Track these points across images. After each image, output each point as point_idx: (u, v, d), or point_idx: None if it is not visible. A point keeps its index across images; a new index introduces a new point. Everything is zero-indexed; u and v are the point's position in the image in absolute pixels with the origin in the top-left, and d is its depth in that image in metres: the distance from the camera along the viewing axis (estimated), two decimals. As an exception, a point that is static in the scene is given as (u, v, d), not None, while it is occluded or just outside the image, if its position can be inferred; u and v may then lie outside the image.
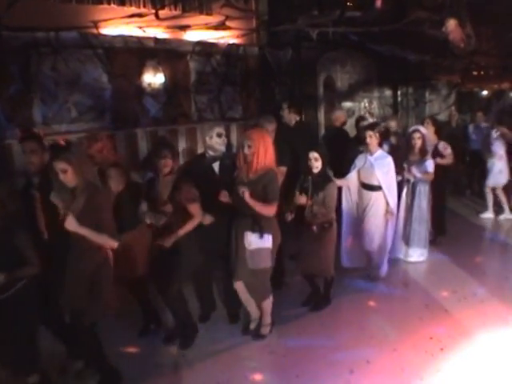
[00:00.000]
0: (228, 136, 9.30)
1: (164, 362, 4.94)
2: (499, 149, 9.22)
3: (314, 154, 5.64)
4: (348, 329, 5.48)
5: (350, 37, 10.55)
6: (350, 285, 6.55)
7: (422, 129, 7.39)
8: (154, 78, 8.43)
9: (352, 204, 6.83)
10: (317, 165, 5.63)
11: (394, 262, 7.18)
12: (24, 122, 7.13)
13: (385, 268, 6.86)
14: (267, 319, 5.32)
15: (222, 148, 5.56)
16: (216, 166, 5.53)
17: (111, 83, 7.95)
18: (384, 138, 7.15)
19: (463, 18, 8.15)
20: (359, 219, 6.77)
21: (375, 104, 13.34)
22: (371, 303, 6.11)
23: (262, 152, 4.86)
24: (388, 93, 13.68)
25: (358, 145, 7.31)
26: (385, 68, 12.61)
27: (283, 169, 5.93)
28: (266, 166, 4.90)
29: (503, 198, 9.37)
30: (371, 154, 6.62)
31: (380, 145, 6.70)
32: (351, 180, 6.77)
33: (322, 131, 10.98)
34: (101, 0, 7.79)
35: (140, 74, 8.30)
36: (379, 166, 6.56)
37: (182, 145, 8.80)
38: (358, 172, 6.76)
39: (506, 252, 7.81)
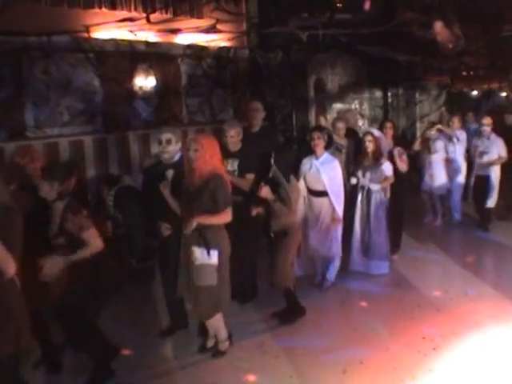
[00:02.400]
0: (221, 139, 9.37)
1: (156, 363, 4.95)
2: (439, 150, 8.89)
3: None
4: (341, 329, 5.49)
5: (339, 39, 10.62)
6: (342, 285, 6.57)
7: (376, 131, 6.97)
8: (145, 82, 8.46)
9: (303, 211, 6.41)
10: None
11: (353, 274, 6.84)
12: (16, 125, 7.15)
13: (332, 277, 6.49)
14: (222, 335, 4.98)
15: (171, 155, 5.12)
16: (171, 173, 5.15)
17: (103, 87, 7.98)
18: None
19: (450, 19, 8.21)
20: (309, 227, 6.42)
21: (366, 105, 13.40)
22: (363, 303, 6.13)
23: (209, 156, 4.60)
24: (378, 94, 13.75)
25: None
26: (375, 69, 12.68)
27: (250, 176, 5.76)
28: (212, 171, 4.62)
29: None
30: (317, 158, 6.29)
31: (326, 148, 6.35)
32: (301, 186, 6.33)
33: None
34: (92, 4, 7.84)
35: (131, 77, 8.33)
36: (325, 170, 6.23)
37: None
38: (305, 178, 6.40)
39: (498, 251, 7.84)
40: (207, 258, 4.60)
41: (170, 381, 4.69)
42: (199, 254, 4.60)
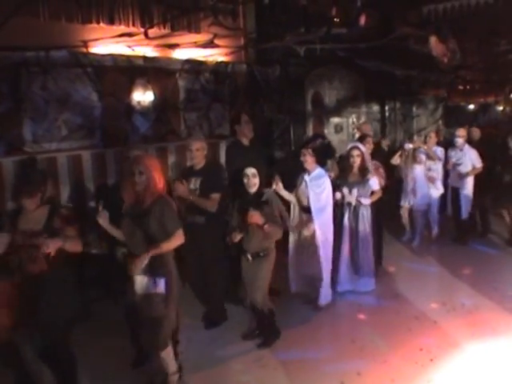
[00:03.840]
0: (217, 153, 9.41)
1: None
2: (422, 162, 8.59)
3: (251, 171, 5.28)
4: (338, 341, 5.52)
5: (337, 53, 10.69)
6: (339, 297, 6.58)
7: (361, 146, 6.85)
8: (143, 96, 8.49)
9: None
10: (254, 182, 5.27)
11: (343, 294, 6.73)
12: (14, 140, 7.17)
13: (327, 297, 6.36)
14: (171, 368, 4.57)
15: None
16: None
17: (101, 101, 8.01)
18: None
19: (446, 34, 8.28)
20: (300, 245, 6.41)
21: (363, 119, 13.44)
22: (361, 315, 6.15)
23: (156, 178, 4.32)
24: (376, 108, 13.79)
25: None
26: (372, 83, 12.73)
27: (216, 195, 5.68)
28: (157, 194, 4.33)
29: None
30: (308, 173, 6.25)
31: (318, 162, 6.26)
32: (292, 202, 6.39)
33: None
34: (90, 19, 7.88)
35: (129, 92, 8.36)
36: (313, 186, 6.16)
37: (171, 162, 8.84)
38: (296, 193, 6.37)
39: (494, 263, 7.85)
40: (153, 286, 4.25)
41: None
42: (144, 282, 4.26)
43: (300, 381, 4.76)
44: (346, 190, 6.63)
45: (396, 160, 8.47)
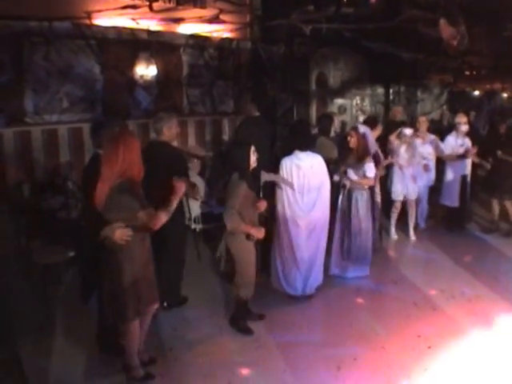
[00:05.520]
0: (220, 130, 9.34)
1: (150, 353, 4.92)
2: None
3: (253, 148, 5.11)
4: (336, 325, 5.47)
5: (343, 34, 10.56)
6: (338, 281, 6.54)
7: (362, 127, 6.62)
8: (146, 71, 8.41)
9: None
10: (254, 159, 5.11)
11: (342, 278, 6.63)
12: (15, 111, 7.10)
13: (315, 282, 6.13)
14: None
15: None
16: None
17: (103, 74, 7.94)
18: None
19: (455, 17, 8.15)
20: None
21: (367, 101, 13.36)
22: (360, 300, 6.11)
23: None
24: (380, 90, 13.70)
25: None
26: (377, 66, 12.62)
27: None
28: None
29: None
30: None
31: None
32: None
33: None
34: (95, -10, 7.76)
35: (132, 65, 8.29)
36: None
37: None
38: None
39: (496, 253, 7.80)
40: None
41: (164, 371, 4.65)
42: None
43: (296, 364, 4.73)
44: (343, 171, 6.50)
45: (393, 140, 8.06)
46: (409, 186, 7.93)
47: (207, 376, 4.54)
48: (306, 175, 5.80)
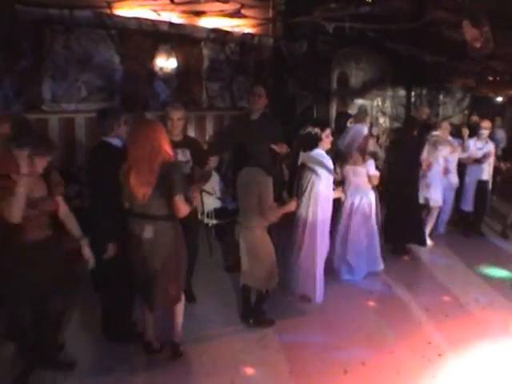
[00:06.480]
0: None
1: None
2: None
3: None
4: (345, 327, 5.39)
5: (366, 33, 10.46)
6: (349, 283, 6.46)
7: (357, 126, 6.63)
8: (166, 63, 8.36)
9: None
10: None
11: (353, 280, 6.52)
12: (33, 98, 7.09)
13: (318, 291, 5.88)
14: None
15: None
16: None
17: (123, 65, 7.91)
18: None
19: (479, 18, 8.00)
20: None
21: (388, 103, 13.22)
22: (370, 303, 6.03)
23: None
24: (401, 93, 13.55)
25: None
26: (400, 67, 12.51)
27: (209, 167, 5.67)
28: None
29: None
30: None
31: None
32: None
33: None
34: (116, -19, 7.73)
35: (152, 57, 8.25)
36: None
37: (191, 132, 8.71)
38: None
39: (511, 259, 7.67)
40: None
41: (168, 367, 4.61)
42: None
43: (301, 366, 4.66)
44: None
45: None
46: (430, 191, 7.82)
47: (210, 374, 4.49)
48: None
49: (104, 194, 4.39)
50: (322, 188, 5.63)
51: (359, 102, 12.44)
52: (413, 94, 13.75)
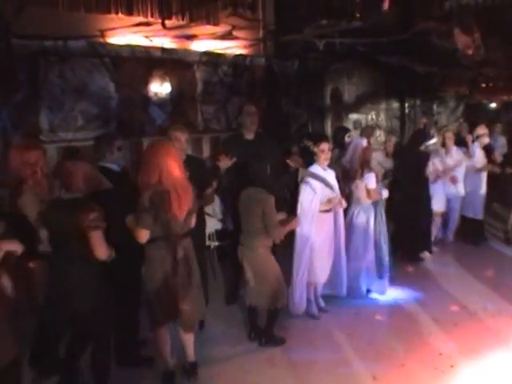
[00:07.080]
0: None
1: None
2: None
3: None
4: (354, 342, 5.35)
5: (357, 48, 10.52)
6: (356, 297, 6.42)
7: (364, 142, 6.47)
8: (160, 88, 8.39)
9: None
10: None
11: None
12: (30, 128, 7.12)
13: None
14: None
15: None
16: None
17: (118, 92, 7.94)
18: None
19: (469, 25, 8.08)
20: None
21: (382, 116, 13.26)
22: (378, 316, 6.00)
23: None
24: (395, 105, 13.59)
25: None
26: (392, 80, 12.56)
27: (210, 191, 5.58)
28: None
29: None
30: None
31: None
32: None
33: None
34: (108, 9, 7.83)
35: (146, 83, 8.28)
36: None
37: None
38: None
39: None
40: None
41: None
42: None
43: (311, 382, 4.64)
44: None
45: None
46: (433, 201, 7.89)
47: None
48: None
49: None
50: (316, 202, 5.65)
51: (354, 116, 12.47)
52: (406, 105, 13.78)
